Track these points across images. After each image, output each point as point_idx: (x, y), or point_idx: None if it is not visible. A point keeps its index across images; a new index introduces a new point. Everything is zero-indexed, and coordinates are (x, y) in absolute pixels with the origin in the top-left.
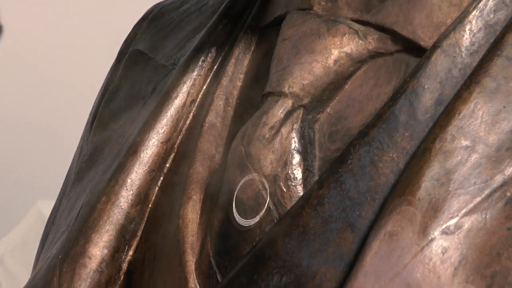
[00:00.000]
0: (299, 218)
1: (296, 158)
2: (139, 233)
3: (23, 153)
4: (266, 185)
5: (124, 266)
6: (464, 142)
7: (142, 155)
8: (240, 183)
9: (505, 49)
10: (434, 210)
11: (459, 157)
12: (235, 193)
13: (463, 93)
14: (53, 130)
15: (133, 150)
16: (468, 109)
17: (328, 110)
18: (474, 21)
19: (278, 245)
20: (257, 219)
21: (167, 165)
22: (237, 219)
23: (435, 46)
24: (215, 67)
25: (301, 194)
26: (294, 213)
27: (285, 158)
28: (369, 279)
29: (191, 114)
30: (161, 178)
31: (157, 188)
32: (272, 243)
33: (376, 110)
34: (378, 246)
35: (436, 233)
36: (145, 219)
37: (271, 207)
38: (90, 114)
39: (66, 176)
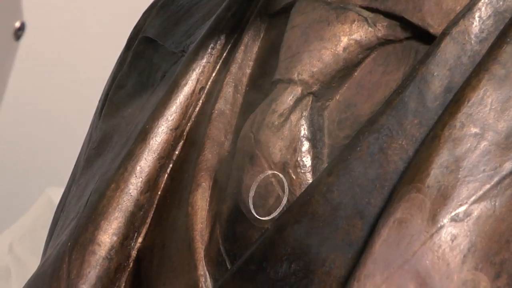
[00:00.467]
0: (308, 206)
1: (305, 145)
2: (148, 220)
3: (33, 140)
4: (275, 173)
5: (133, 253)
6: (473, 129)
7: (151, 142)
8: (249, 170)
9: None
10: (443, 197)
11: (468, 144)
12: (244, 181)
13: (472, 80)
14: (62, 117)
15: (142, 137)
16: (477, 96)
17: (337, 97)
18: (483, 8)
19: (287, 232)
20: (266, 206)
21: (176, 152)
22: (246, 206)
23: (445, 33)
24: (224, 54)
25: (310, 181)
26: (303, 201)
27: (294, 145)
28: (378, 266)
29: (200, 101)
30: (170, 165)
31: (166, 175)
32: (281, 230)
33: (385, 97)
34: (387, 234)
35: (445, 220)
36: (154, 206)
37: (280, 194)
38: (99, 101)
39: (75, 163)
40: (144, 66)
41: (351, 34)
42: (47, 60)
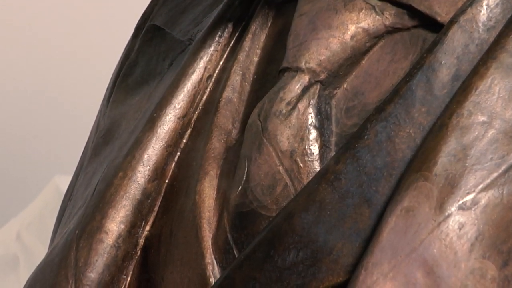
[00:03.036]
0: (316, 194)
1: (313, 134)
2: (156, 209)
3: (40, 128)
4: (283, 161)
5: (141, 241)
6: (481, 118)
7: (158, 130)
8: (257, 159)
9: None
10: (450, 186)
11: (476, 133)
12: (252, 169)
13: (480, 68)
14: (70, 105)
15: (150, 126)
16: (485, 85)
17: (345, 85)
18: None
19: (294, 220)
20: (273, 195)
21: (184, 141)
22: (253, 194)
23: (452, 21)
24: (232, 42)
25: (318, 169)
26: (311, 189)
27: (302, 134)
28: (386, 255)
29: (208, 89)
30: (178, 153)
31: (173, 163)
32: (289, 218)
33: (392, 85)
34: (394, 222)
35: (452, 208)
36: (162, 194)
37: (287, 182)
38: (107, 89)
39: (83, 151)
40: (151, 54)
41: (359, 22)
42: (54, 48)
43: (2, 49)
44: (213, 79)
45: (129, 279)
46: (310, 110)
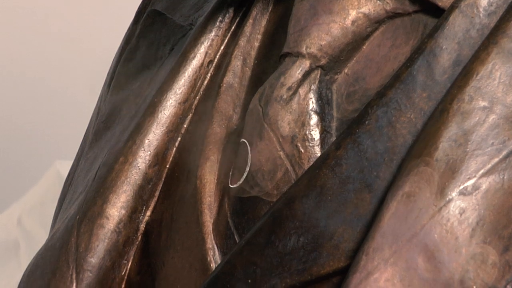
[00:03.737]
0: (317, 179)
1: (314, 119)
2: (157, 194)
3: (41, 113)
4: (284, 146)
5: (142, 226)
6: (482, 103)
7: (159, 115)
8: (258, 144)
9: None
10: (451, 171)
11: (477, 118)
12: (253, 154)
13: (480, 53)
14: (71, 90)
15: (151, 111)
16: (485, 70)
17: (346, 70)
18: None
19: (295, 205)
20: (274, 180)
21: (185, 126)
22: (254, 179)
23: (453, 6)
24: (233, 27)
25: (319, 154)
26: (312, 174)
27: (303, 119)
28: (387, 240)
29: (209, 74)
30: (179, 138)
31: (174, 148)
32: (290, 203)
33: (393, 70)
34: (395, 207)
35: (453, 194)
36: (163, 179)
37: (288, 167)
38: (108, 74)
39: (84, 136)
40: (152, 39)
41: (360, 7)
42: (55, 33)
43: (3, 36)
44: (214, 64)
45: (130, 264)
46: (311, 95)
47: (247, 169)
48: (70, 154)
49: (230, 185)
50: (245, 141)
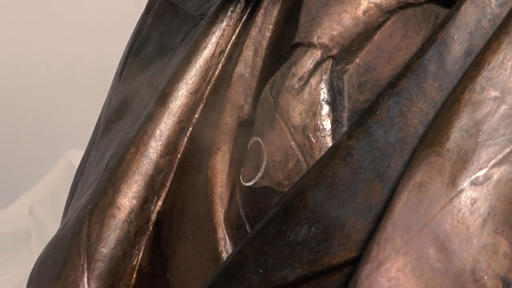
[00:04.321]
0: (328, 169)
1: (325, 109)
2: (168, 184)
3: (53, 103)
4: (295, 136)
5: (153, 216)
6: (493, 93)
7: (171, 105)
8: (269, 134)
9: None
10: (463, 161)
11: (488, 108)
12: (264, 144)
13: (492, 43)
14: (82, 79)
15: (162, 101)
16: (497, 60)
17: (357, 60)
18: None
19: (306, 196)
20: (285, 170)
21: (196, 116)
22: (266, 169)
23: None
24: (244, 17)
25: (330, 145)
26: (323, 164)
27: (314, 109)
28: (398, 230)
29: (220, 64)
30: (190, 128)
31: (186, 138)
32: (301, 194)
33: (405, 60)
34: (407, 197)
35: (465, 184)
36: (174, 169)
37: (299, 157)
38: (119, 64)
39: (95, 126)
40: (164, 29)
41: None
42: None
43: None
44: (225, 54)
45: (141, 254)
46: (323, 85)
47: (262, 158)
48: (81, 144)
49: (242, 182)
50: (259, 139)
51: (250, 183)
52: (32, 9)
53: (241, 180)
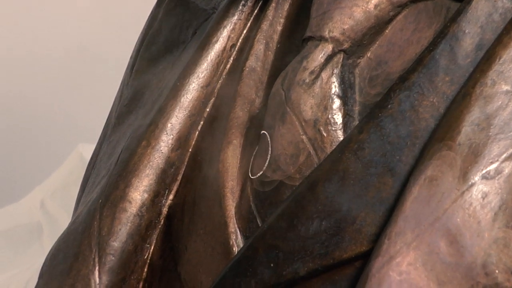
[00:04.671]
0: (339, 163)
1: (336, 103)
2: (179, 178)
3: (64, 97)
4: (306, 130)
5: (164, 210)
6: (505, 87)
7: (182, 99)
8: (280, 128)
9: None
10: (474, 155)
11: (500, 102)
12: (275, 138)
13: (503, 37)
14: (94, 73)
15: (173, 94)
16: (508, 54)
17: (368, 54)
18: None
19: (318, 189)
20: (297, 164)
21: (207, 110)
22: (276, 163)
23: None
24: (255, 11)
25: (341, 138)
26: (334, 158)
27: (325, 103)
28: (409, 224)
29: (231, 58)
30: (201, 122)
31: (197, 132)
32: (312, 187)
33: (416, 54)
34: (418, 191)
35: (476, 178)
36: (185, 163)
37: (311, 151)
38: (130, 58)
39: (107, 120)
40: (175, 23)
41: None
42: (81, 15)
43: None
44: (236, 48)
45: (152, 248)
46: (334, 79)
47: (274, 152)
48: (93, 137)
49: (250, 175)
50: (265, 132)
51: (257, 176)
52: (42, 3)
53: (249, 173)
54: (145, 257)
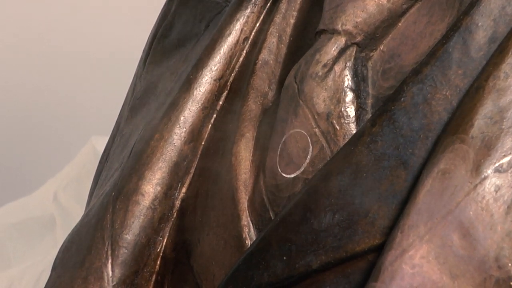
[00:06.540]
0: (352, 156)
1: (349, 96)
2: (192, 171)
3: (78, 89)
4: (319, 123)
5: (177, 203)
6: None
7: (195, 92)
8: (293, 121)
9: None
10: (487, 148)
11: None
12: (288, 131)
13: None
14: (107, 66)
15: (186, 87)
16: None
17: (381, 47)
18: None
19: (330, 182)
20: (309, 157)
21: (220, 103)
22: (290, 156)
23: None
24: (268, 4)
25: (354, 131)
26: (347, 151)
27: (338, 96)
28: (422, 217)
29: (244, 51)
30: (214, 115)
31: (210, 125)
32: (325, 180)
33: (429, 47)
34: (431, 184)
35: (489, 171)
36: (198, 156)
37: (324, 144)
38: (143, 51)
39: (120, 113)
40: (188, 16)
41: None
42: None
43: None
44: (249, 41)
45: (165, 241)
46: (347, 72)
47: (286, 145)
48: (106, 130)
49: (265, 162)
50: (278, 125)
51: (269, 169)
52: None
53: (262, 166)
54: (158, 250)
